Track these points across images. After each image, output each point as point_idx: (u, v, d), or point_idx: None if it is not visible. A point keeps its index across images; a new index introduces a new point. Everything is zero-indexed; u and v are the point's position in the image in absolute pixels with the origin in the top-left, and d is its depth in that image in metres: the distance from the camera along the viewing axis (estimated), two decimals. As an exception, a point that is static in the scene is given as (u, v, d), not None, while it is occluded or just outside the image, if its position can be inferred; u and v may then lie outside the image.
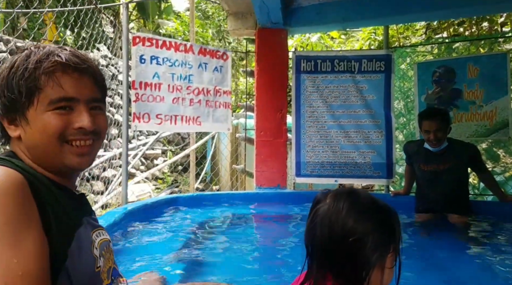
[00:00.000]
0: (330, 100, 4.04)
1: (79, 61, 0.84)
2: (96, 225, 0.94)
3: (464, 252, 2.43)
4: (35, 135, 0.81)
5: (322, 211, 0.89)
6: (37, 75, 0.80)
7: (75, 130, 0.83)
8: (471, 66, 3.74)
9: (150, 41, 3.44)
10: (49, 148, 0.82)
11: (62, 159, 0.83)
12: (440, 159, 2.93)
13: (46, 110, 0.81)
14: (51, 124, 0.81)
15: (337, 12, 3.92)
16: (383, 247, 0.85)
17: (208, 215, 3.21)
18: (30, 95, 0.80)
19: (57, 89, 0.81)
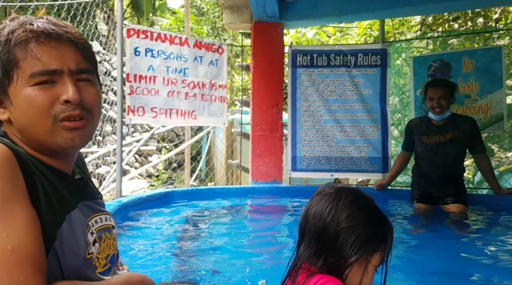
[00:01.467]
0: (326, 94, 4.03)
1: (56, 29, 0.74)
2: (99, 209, 0.89)
3: (461, 244, 2.43)
4: (21, 116, 0.74)
5: (323, 196, 0.92)
6: (10, 48, 0.72)
7: (62, 105, 0.74)
8: (467, 60, 3.75)
9: (145, 33, 3.40)
10: (39, 127, 0.74)
11: (55, 137, 0.75)
12: (442, 130, 2.99)
13: (27, 85, 0.73)
14: (34, 100, 0.72)
15: (333, 5, 3.91)
16: (368, 246, 0.86)
17: (203, 209, 3.18)
18: (7, 71, 0.73)
19: (35, 62, 0.72)
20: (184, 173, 4.95)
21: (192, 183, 5.98)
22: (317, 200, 0.93)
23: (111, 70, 7.19)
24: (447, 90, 2.93)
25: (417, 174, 3.19)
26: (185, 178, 4.93)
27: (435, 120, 3.00)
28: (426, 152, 3.06)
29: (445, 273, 1.89)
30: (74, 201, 0.81)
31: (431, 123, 3.04)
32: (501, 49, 3.68)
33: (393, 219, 3.11)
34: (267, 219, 3.18)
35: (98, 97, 0.82)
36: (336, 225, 0.87)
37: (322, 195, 0.93)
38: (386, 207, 3.37)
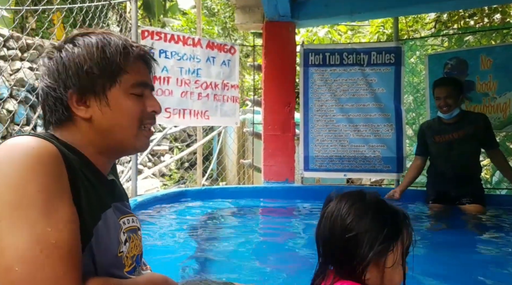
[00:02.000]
0: (339, 93, 4.00)
1: (148, 52, 0.90)
2: (127, 211, 0.93)
3: (478, 245, 2.39)
4: (115, 117, 0.82)
5: (329, 208, 0.93)
6: (129, 57, 0.83)
7: (149, 114, 0.87)
8: (484, 57, 3.67)
9: (159, 34, 3.43)
10: (127, 130, 0.84)
11: (135, 141, 0.85)
12: (453, 127, 2.95)
13: (128, 92, 0.83)
14: (133, 107, 0.83)
15: (345, 4, 3.88)
16: (380, 246, 0.85)
17: (216, 208, 3.19)
18: (114, 75, 0.81)
19: (137, 74, 0.84)
20: (196, 172, 4.97)
21: (204, 183, 6.01)
22: (324, 213, 0.94)
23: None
24: (453, 88, 2.88)
25: (432, 174, 3.14)
26: (197, 177, 4.95)
27: (445, 119, 2.96)
28: (440, 150, 3.02)
29: (462, 275, 1.85)
30: (109, 200, 0.85)
31: (443, 122, 3.00)
32: (520, 46, 3.59)
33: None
34: (280, 219, 3.17)
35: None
36: (340, 233, 0.87)
37: (328, 209, 0.94)
38: (401, 207, 3.32)
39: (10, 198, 0.64)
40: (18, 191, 0.65)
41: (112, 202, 0.86)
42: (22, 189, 0.65)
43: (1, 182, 0.65)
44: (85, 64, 0.79)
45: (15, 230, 0.62)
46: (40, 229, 0.64)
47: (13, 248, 0.61)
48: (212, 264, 1.96)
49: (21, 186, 0.65)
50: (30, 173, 0.66)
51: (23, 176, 0.65)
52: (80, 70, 0.79)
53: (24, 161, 0.67)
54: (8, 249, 0.61)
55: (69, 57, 0.80)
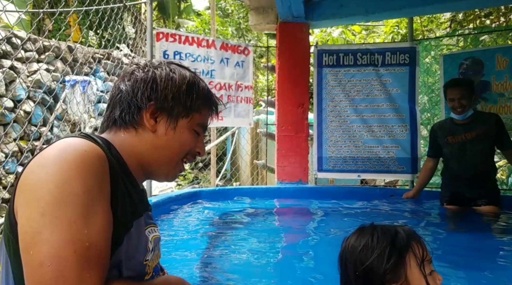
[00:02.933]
0: (353, 94, 4.00)
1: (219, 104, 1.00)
2: (150, 221, 0.96)
3: (494, 246, 2.36)
4: (173, 142, 0.88)
5: (341, 250, 1.00)
6: (206, 101, 0.93)
7: (194, 153, 0.94)
8: (500, 57, 3.62)
9: (173, 36, 3.48)
10: (172, 157, 0.90)
11: (170, 170, 0.91)
12: (465, 128, 2.93)
13: (191, 128, 0.91)
14: (189, 140, 0.90)
15: (359, 4, 3.87)
16: (390, 263, 0.88)
17: (229, 209, 3.22)
18: (191, 110, 0.90)
19: (204, 117, 0.93)
20: (210, 172, 5.02)
21: (218, 183, 6.06)
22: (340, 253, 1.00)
23: (139, 72, 7.36)
24: (466, 89, 2.86)
25: (446, 176, 3.11)
26: (211, 177, 4.99)
27: (457, 120, 2.94)
28: (453, 151, 2.99)
29: (477, 277, 1.84)
30: (142, 209, 0.89)
31: (455, 123, 2.97)
32: (538, 45, 3.53)
33: (423, 221, 3.05)
34: (293, 220, 3.18)
35: None
36: (353, 270, 0.93)
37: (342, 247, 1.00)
38: (416, 209, 3.30)
39: (57, 195, 0.67)
40: (65, 189, 0.68)
41: (144, 211, 0.90)
42: (68, 188, 0.68)
43: (51, 179, 0.68)
44: (176, 90, 0.89)
45: (54, 227, 0.66)
46: (77, 230, 0.67)
47: (50, 245, 0.65)
48: (225, 265, 1.99)
49: (68, 185, 0.68)
50: (78, 173, 0.69)
51: (71, 176, 0.69)
52: (170, 92, 0.88)
53: (74, 162, 0.70)
54: (46, 244, 0.65)
55: (164, 77, 0.89)
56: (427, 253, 0.90)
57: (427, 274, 0.88)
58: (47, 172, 0.69)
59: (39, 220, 0.66)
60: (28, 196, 0.69)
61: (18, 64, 5.11)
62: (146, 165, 0.89)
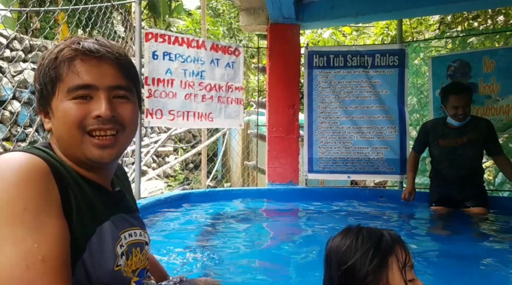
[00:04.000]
0: (343, 95, 4.01)
1: (99, 48, 0.81)
2: (133, 223, 0.92)
3: (482, 247, 2.39)
4: (59, 126, 0.80)
5: (326, 250, 1.00)
6: (58, 64, 0.79)
7: (94, 119, 0.79)
8: (487, 60, 3.66)
9: (163, 37, 3.45)
10: (71, 139, 0.80)
11: (83, 150, 0.81)
12: (458, 133, 2.95)
13: (66, 99, 0.79)
14: (69, 113, 0.79)
15: (350, 6, 3.89)
16: (372, 265, 0.89)
17: (220, 211, 3.21)
18: (53, 85, 0.80)
19: (75, 77, 0.79)
20: (201, 173, 5.00)
21: (209, 184, 6.03)
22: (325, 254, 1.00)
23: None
24: (469, 96, 2.88)
25: (435, 178, 3.14)
26: (201, 178, 4.98)
27: (451, 124, 2.94)
28: (443, 154, 3.01)
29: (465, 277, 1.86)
30: (107, 213, 0.84)
31: (447, 126, 2.98)
32: (524, 48, 3.58)
33: (411, 222, 3.08)
34: (283, 221, 3.19)
35: (133, 114, 0.86)
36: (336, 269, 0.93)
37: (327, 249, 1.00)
38: (405, 210, 3.33)
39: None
40: (6, 209, 0.65)
41: (117, 213, 0.86)
42: (10, 207, 0.65)
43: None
44: (35, 83, 0.83)
45: (1, 249, 0.63)
46: (26, 246, 0.64)
47: (1, 267, 0.62)
48: (215, 266, 1.98)
49: (9, 203, 0.66)
50: (17, 190, 0.67)
51: (11, 194, 0.66)
52: (35, 89, 0.84)
53: (11, 179, 0.67)
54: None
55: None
56: (410, 258, 0.91)
57: (409, 280, 0.89)
58: None
59: None
60: None
61: (3, 64, 5.02)
62: (76, 161, 0.83)
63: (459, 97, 2.83)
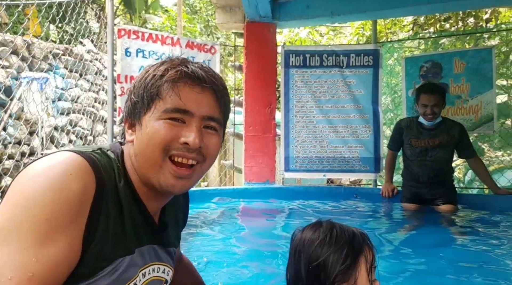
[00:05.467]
0: (319, 95, 4.04)
1: (205, 75, 0.80)
2: (162, 258, 0.88)
3: (451, 243, 2.45)
4: (143, 141, 0.78)
5: (293, 243, 0.96)
6: (161, 82, 0.78)
7: (180, 145, 0.77)
8: (458, 61, 3.77)
9: (136, 33, 3.37)
10: (152, 158, 0.77)
11: (159, 174, 0.78)
12: (430, 134, 3.00)
13: (160, 118, 0.77)
14: (160, 132, 0.76)
15: (325, 6, 3.91)
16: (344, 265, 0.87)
17: (195, 211, 3.16)
18: (150, 101, 0.78)
19: (175, 99, 0.77)
20: (177, 173, 4.93)
21: (185, 183, 5.95)
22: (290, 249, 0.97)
23: (102, 69, 7.13)
24: (440, 97, 2.91)
25: (407, 177, 3.20)
26: (178, 178, 4.91)
27: (425, 125, 3.01)
28: (415, 155, 3.06)
29: (434, 273, 1.90)
30: (137, 244, 0.80)
31: (421, 127, 3.03)
32: (492, 50, 3.71)
33: (383, 219, 3.14)
34: (260, 220, 3.18)
35: (217, 147, 0.85)
36: (305, 265, 0.89)
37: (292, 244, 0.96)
38: (378, 207, 3.39)
39: (19, 214, 0.63)
40: (33, 210, 0.63)
41: (145, 245, 0.82)
42: (37, 210, 0.63)
43: (20, 197, 0.64)
44: (131, 93, 0.82)
45: (3, 245, 0.61)
46: (25, 257, 0.61)
47: None
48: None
49: (38, 206, 0.64)
50: (52, 197, 0.64)
51: (45, 198, 0.64)
52: (129, 98, 0.82)
53: (55, 183, 0.65)
54: None
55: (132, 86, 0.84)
56: (375, 260, 0.91)
57: (372, 280, 0.89)
58: (21, 189, 0.65)
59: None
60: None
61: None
62: (141, 178, 0.80)
63: (429, 96, 2.89)
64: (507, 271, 1.92)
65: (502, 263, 2.03)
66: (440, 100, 2.90)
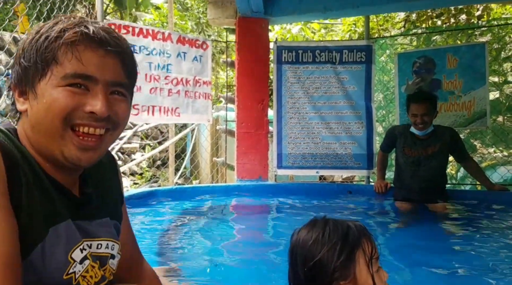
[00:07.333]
0: (311, 91, 4.01)
1: (108, 37, 0.72)
2: (96, 233, 0.80)
3: (445, 241, 2.44)
4: (40, 112, 0.70)
5: (290, 245, 0.95)
6: (57, 45, 0.70)
7: (85, 114, 0.71)
8: (451, 57, 3.77)
9: (126, 28, 3.30)
10: (51, 130, 0.70)
11: (61, 146, 0.71)
12: (423, 144, 2.98)
13: (58, 85, 0.69)
14: (59, 100, 0.69)
15: (318, 1, 3.87)
16: (341, 259, 0.86)
17: (187, 208, 3.12)
18: (45, 66, 0.70)
19: (76, 63, 0.70)
20: (169, 170, 4.88)
21: (177, 181, 5.90)
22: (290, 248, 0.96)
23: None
24: (430, 105, 2.88)
25: (398, 185, 3.19)
26: (169, 176, 4.85)
27: (417, 135, 2.97)
28: (408, 164, 3.04)
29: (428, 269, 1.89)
30: (65, 215, 0.74)
31: (414, 136, 3.00)
32: (485, 46, 3.70)
33: (377, 217, 3.12)
34: (252, 217, 3.15)
35: (128, 113, 0.80)
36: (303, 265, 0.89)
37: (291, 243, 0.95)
38: (371, 204, 3.38)
39: None
40: None
41: (76, 219, 0.77)
42: None
43: None
44: (20, 57, 0.72)
45: None
46: None
47: None
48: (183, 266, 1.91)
49: None
50: None
51: None
52: (17, 63, 0.73)
53: None
54: None
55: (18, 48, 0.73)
56: (376, 250, 0.89)
57: (375, 271, 0.87)
58: None
59: None
60: None
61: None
62: (44, 154, 0.73)
63: (418, 105, 2.86)
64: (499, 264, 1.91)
65: (495, 257, 2.03)
66: (430, 109, 2.87)
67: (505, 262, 1.95)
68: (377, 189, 3.35)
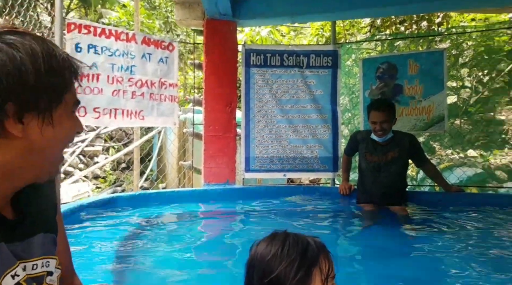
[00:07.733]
0: (279, 95, 4.02)
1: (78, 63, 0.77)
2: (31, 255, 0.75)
3: (406, 241, 2.52)
4: (55, 138, 0.71)
5: (248, 259, 0.93)
6: (69, 71, 0.71)
7: (73, 136, 0.77)
8: (412, 63, 3.90)
9: (87, 28, 3.17)
10: (57, 155, 0.73)
11: (54, 167, 0.74)
12: (383, 150, 3.07)
13: (69, 112, 0.73)
14: (73, 128, 0.74)
15: (286, 5, 3.89)
16: (298, 276, 0.85)
17: (151, 215, 3.02)
18: (62, 92, 0.70)
19: (74, 92, 0.74)
20: (133, 174, 4.74)
21: (143, 184, 5.75)
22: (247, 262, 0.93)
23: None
24: (389, 113, 2.98)
25: (361, 189, 3.27)
26: (134, 179, 4.71)
27: (377, 141, 3.07)
28: (369, 169, 3.13)
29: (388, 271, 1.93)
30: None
31: (375, 142, 3.09)
32: (443, 53, 3.86)
33: (339, 218, 3.19)
34: (219, 223, 3.10)
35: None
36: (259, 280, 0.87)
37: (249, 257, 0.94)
38: (335, 207, 3.44)
39: None
40: None
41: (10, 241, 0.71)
42: None
43: None
44: (31, 76, 0.64)
45: None
46: None
47: None
48: (145, 277, 1.85)
49: None
50: None
51: None
52: (25, 81, 0.64)
53: None
54: None
55: (9, 62, 0.62)
56: (333, 268, 0.89)
57: None
58: None
59: None
60: None
61: None
62: (17, 173, 0.69)
63: (378, 113, 2.95)
64: (458, 262, 1.98)
65: (454, 256, 2.11)
66: (389, 117, 2.97)
67: (456, 262, 2.03)
68: (342, 191, 3.45)
